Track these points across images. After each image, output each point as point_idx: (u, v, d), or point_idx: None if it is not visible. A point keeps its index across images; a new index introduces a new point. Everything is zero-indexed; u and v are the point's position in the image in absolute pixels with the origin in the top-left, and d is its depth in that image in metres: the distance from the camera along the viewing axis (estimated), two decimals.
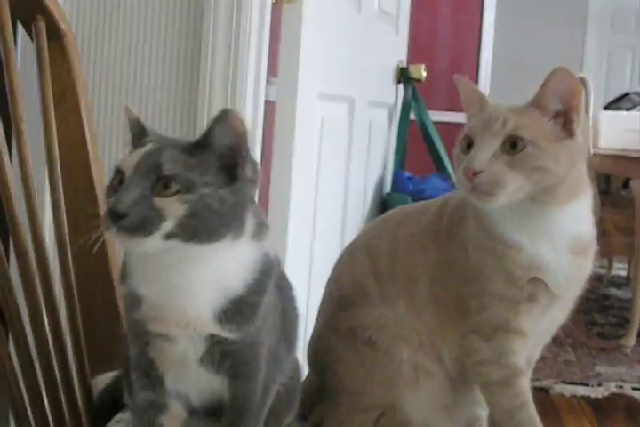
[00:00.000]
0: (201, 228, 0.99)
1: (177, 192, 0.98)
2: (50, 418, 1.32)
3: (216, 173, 1.01)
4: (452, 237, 1.32)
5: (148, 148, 1.02)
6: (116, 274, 1.45)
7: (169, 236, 0.98)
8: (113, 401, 1.39)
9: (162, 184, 0.98)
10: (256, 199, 1.12)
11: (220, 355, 1.07)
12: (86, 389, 1.43)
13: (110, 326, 1.34)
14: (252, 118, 2.05)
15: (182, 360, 1.07)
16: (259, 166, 1.07)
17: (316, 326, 1.46)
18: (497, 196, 1.18)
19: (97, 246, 1.06)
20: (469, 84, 1.31)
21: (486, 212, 1.26)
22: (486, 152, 1.20)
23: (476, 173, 1.18)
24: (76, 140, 1.50)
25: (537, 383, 3.41)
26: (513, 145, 1.19)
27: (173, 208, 0.97)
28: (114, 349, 1.27)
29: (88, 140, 1.51)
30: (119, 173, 1.01)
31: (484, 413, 1.42)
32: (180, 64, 2.07)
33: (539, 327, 1.32)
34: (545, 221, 1.24)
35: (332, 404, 1.40)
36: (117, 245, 1.42)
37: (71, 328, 1.40)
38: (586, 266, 1.31)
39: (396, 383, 1.34)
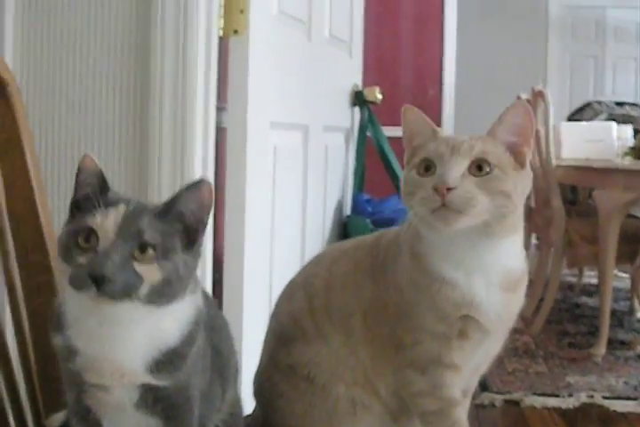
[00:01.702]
0: (168, 292, 1.03)
1: (153, 259, 1.02)
2: None
3: (180, 239, 1.06)
4: (386, 273, 1.35)
5: (122, 210, 1.05)
6: None
7: (138, 299, 1.02)
8: None
9: (139, 250, 1.01)
10: (210, 228, 1.14)
11: (153, 401, 1.10)
12: None
13: None
14: (202, 145, 2.07)
15: (117, 407, 1.11)
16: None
17: (260, 362, 1.50)
18: (466, 215, 1.21)
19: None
20: (419, 113, 1.34)
21: (423, 245, 1.29)
22: (457, 171, 1.22)
23: (449, 189, 1.20)
24: (23, 187, 1.51)
25: (507, 396, 3.43)
26: (479, 168, 1.23)
27: (151, 274, 1.01)
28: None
29: (35, 188, 1.52)
30: (91, 232, 1.03)
31: None
32: (129, 96, 2.08)
33: (472, 361, 1.35)
34: (482, 254, 1.27)
35: None
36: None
37: (23, 368, 1.43)
38: (516, 301, 1.34)
39: (334, 419, 1.37)
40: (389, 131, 4.39)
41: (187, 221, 1.07)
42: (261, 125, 2.38)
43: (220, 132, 2.21)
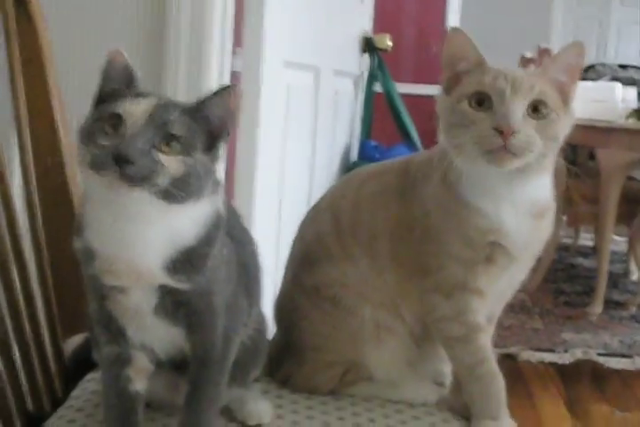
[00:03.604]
0: (186, 190, 1.01)
1: (178, 152, 1.01)
2: (22, 379, 1.33)
3: (203, 140, 1.04)
4: (415, 195, 1.34)
5: (153, 101, 1.03)
6: None
7: (157, 192, 1.00)
8: (85, 362, 1.41)
9: (165, 141, 1.00)
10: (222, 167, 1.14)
11: (173, 305, 1.09)
12: (58, 350, 1.44)
13: (79, 287, 1.35)
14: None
15: (138, 311, 1.09)
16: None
17: (282, 285, 1.49)
18: (523, 158, 1.19)
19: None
20: (467, 37, 1.28)
21: (455, 174, 1.27)
22: (519, 112, 1.20)
23: (513, 133, 1.18)
24: (43, 106, 1.51)
25: (504, 350, 3.45)
26: (535, 110, 1.21)
27: (173, 167, 1.00)
28: (84, 310, 1.28)
29: (55, 106, 1.52)
30: (117, 118, 1.01)
31: (447, 368, 1.45)
32: (145, 37, 2.06)
33: (497, 287, 1.34)
34: (514, 187, 1.26)
35: (298, 360, 1.43)
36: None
37: (42, 289, 1.42)
38: (544, 228, 1.33)
39: (358, 340, 1.37)
40: None
41: (211, 125, 1.05)
42: (276, 64, 2.37)
43: (234, 76, 2.19)
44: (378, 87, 4.31)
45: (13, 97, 1.42)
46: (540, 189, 1.30)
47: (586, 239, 5.58)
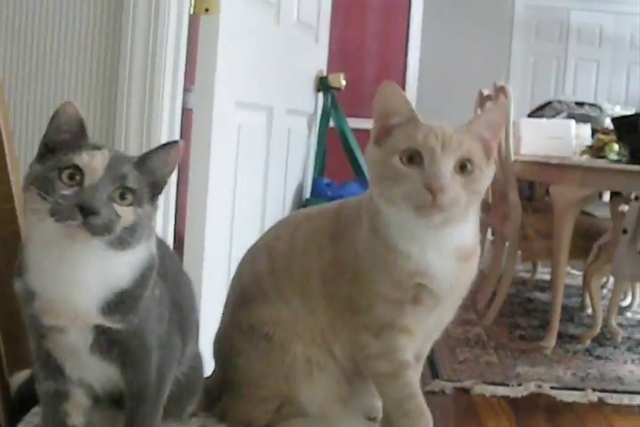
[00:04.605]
0: (134, 237, 1.09)
1: (130, 203, 1.08)
2: None
3: (148, 191, 1.12)
4: (346, 238, 1.39)
5: (107, 154, 1.09)
6: None
7: (111, 240, 1.07)
8: (30, 396, 1.44)
9: (120, 193, 1.07)
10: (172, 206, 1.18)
11: (107, 344, 1.15)
12: (4, 385, 1.48)
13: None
14: (168, 125, 2.09)
15: (74, 350, 1.15)
16: None
17: (220, 323, 1.53)
18: (449, 213, 1.24)
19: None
20: (399, 91, 1.32)
21: (382, 221, 1.32)
22: (448, 171, 1.24)
23: (442, 191, 1.22)
24: None
25: (458, 384, 3.47)
26: (462, 167, 1.26)
27: (126, 217, 1.07)
28: (29, 346, 1.31)
29: (7, 152, 1.54)
30: (76, 169, 1.07)
31: (378, 403, 1.49)
32: (98, 75, 2.10)
33: (424, 326, 1.39)
34: (438, 233, 1.30)
35: (235, 395, 1.46)
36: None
37: None
38: (469, 271, 1.38)
39: (291, 377, 1.40)
40: (351, 122, 4.43)
41: (155, 177, 1.13)
42: (227, 104, 2.41)
43: (185, 113, 2.23)
44: (332, 123, 4.34)
45: None
46: (464, 235, 1.34)
47: (544, 273, 5.63)
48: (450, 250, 1.32)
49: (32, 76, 2.09)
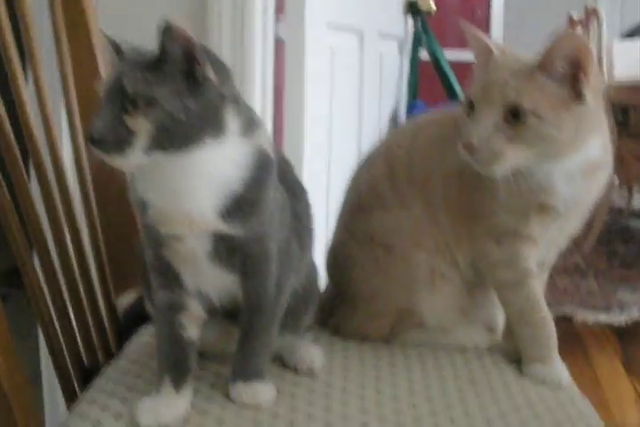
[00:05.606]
0: (172, 138, 1.01)
1: (140, 110, 1.00)
2: (77, 337, 1.35)
3: (178, 84, 1.02)
4: None
5: (115, 70, 1.05)
6: None
7: (148, 149, 1.00)
8: (137, 317, 1.45)
9: (128, 103, 1.00)
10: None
11: (227, 251, 1.10)
12: (111, 307, 1.47)
13: (130, 245, 1.36)
14: (261, 56, 2.06)
15: (193, 258, 1.11)
16: (227, 65, 1.08)
17: (334, 234, 1.49)
18: (496, 167, 1.18)
19: None
20: (476, 32, 1.27)
21: None
22: (484, 125, 1.18)
23: (472, 151, 1.18)
24: (89, 70, 1.52)
25: (559, 312, 3.43)
26: (514, 115, 1.16)
27: (140, 125, 1.00)
28: (135, 267, 1.30)
29: (102, 69, 1.54)
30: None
31: (499, 315, 1.45)
32: (187, 5, 2.07)
33: (548, 234, 1.33)
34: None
35: (349, 309, 1.44)
36: None
37: (93, 248, 1.44)
38: (596, 184, 1.30)
39: (412, 287, 1.37)
40: None
41: (179, 65, 1.02)
42: (319, 26, 2.37)
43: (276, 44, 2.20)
44: (423, 54, 4.29)
45: (59, 61, 1.43)
46: (585, 152, 1.23)
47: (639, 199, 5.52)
48: (572, 168, 1.24)
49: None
